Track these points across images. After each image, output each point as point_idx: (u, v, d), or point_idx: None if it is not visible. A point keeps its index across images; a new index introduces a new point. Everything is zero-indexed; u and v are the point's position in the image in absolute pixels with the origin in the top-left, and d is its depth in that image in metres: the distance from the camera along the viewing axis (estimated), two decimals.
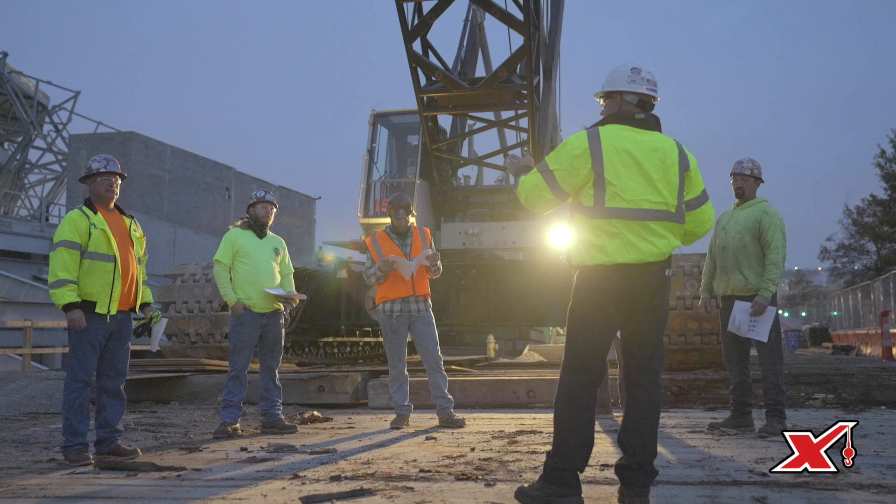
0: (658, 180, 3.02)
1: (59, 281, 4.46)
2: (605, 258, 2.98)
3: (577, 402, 3.00)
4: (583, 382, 3.01)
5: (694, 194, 3.18)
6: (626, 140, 3.05)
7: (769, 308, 5.12)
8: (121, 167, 4.83)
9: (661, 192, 3.02)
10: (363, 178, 11.22)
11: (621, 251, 2.96)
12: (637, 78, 3.15)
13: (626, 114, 3.13)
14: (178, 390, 8.28)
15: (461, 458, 4.31)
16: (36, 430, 6.14)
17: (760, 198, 5.39)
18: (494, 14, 9.93)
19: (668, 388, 7.32)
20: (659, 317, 3.10)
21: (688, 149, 3.20)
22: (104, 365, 4.63)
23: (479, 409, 7.28)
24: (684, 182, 3.11)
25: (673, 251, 3.09)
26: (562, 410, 3.03)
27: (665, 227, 3.03)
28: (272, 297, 5.82)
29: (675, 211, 3.06)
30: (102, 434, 4.60)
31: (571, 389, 3.01)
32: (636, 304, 3.03)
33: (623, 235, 2.96)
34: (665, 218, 3.03)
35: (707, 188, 3.30)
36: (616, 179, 2.99)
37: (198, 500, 3.31)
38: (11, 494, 3.52)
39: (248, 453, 4.69)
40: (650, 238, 2.99)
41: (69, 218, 4.59)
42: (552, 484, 2.96)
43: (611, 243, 2.97)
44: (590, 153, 3.01)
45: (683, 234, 3.17)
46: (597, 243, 2.99)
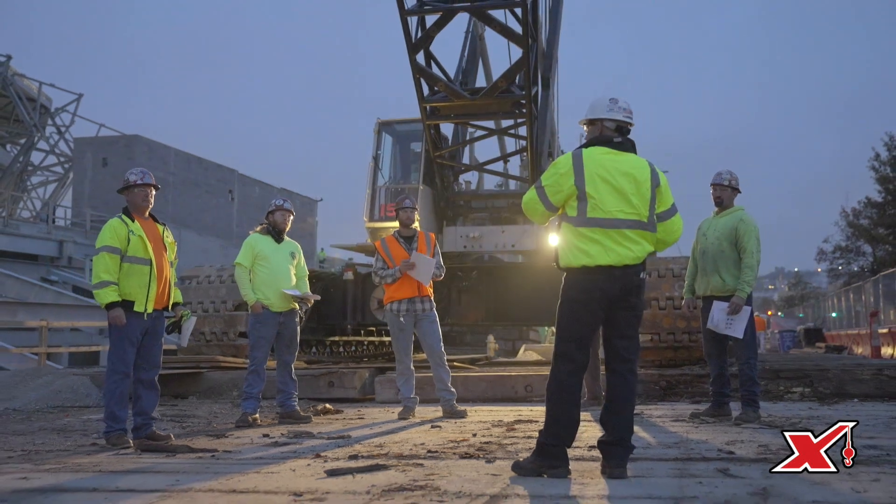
0: (631, 194, 3.52)
1: (102, 282, 4.95)
2: (588, 260, 3.48)
3: (565, 387, 3.51)
4: (570, 370, 3.52)
5: (664, 207, 3.67)
6: (605, 160, 3.56)
7: (745, 308, 5.62)
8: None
9: (635, 204, 3.52)
10: (368, 184, 11.69)
11: (601, 254, 3.47)
12: (615, 107, 3.66)
13: (605, 138, 3.64)
14: (196, 385, 8.77)
15: (464, 441, 4.79)
16: (69, 421, 6.63)
17: (737, 206, 5.89)
18: (494, 28, 10.41)
19: (656, 382, 7.82)
20: (635, 314, 3.60)
21: (659, 168, 3.71)
22: (140, 358, 5.12)
23: (480, 402, 7.75)
24: (655, 196, 3.61)
25: (647, 256, 3.58)
26: (552, 394, 3.53)
27: (639, 234, 3.54)
28: (289, 297, 6.30)
29: (647, 221, 3.57)
30: (139, 421, 5.09)
31: (560, 376, 3.52)
32: (615, 301, 3.53)
33: (602, 241, 3.47)
34: (638, 227, 3.53)
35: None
36: (595, 193, 3.50)
37: (235, 474, 3.78)
38: (70, 469, 4.01)
39: (270, 439, 5.18)
40: (626, 244, 3.49)
41: (110, 225, 5.08)
42: (544, 457, 3.46)
43: (592, 248, 3.48)
44: (573, 172, 3.54)
45: (656, 241, 3.66)
46: (581, 247, 3.50)
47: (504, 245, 11.31)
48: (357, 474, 3.64)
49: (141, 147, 35.14)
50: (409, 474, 3.61)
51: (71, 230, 31.94)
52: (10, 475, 3.85)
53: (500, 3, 10.07)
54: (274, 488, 3.34)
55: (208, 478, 3.66)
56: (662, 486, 3.23)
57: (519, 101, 10.63)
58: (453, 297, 11.18)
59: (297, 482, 3.48)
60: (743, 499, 2.90)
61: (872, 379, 7.39)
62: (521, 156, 12.07)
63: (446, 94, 10.57)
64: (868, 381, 7.38)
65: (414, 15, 10.11)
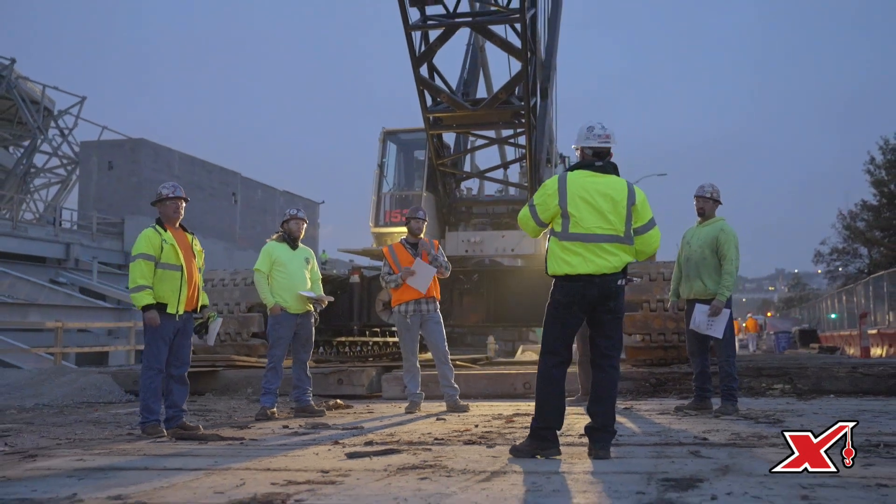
0: (608, 212, 4.04)
1: (139, 286, 5.45)
2: (570, 269, 4.02)
3: (551, 378, 4.06)
4: (555, 363, 4.06)
5: (641, 222, 4.17)
6: (586, 182, 4.10)
7: (724, 310, 6.13)
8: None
9: (611, 221, 4.04)
10: (374, 191, 12.21)
11: (582, 264, 4.00)
12: (591, 135, 4.22)
13: (587, 162, 4.20)
14: (212, 383, 9.25)
15: (467, 431, 5.29)
16: (100, 414, 7.13)
17: (718, 217, 6.40)
18: (495, 42, 10.93)
19: (646, 380, 8.32)
20: (615, 316, 4.11)
21: (638, 187, 4.22)
22: (172, 356, 5.62)
23: (481, 399, 8.25)
24: (631, 214, 4.12)
25: (625, 265, 4.08)
26: (540, 384, 4.10)
27: (616, 247, 4.05)
28: (304, 299, 6.80)
29: (623, 235, 4.08)
30: (171, 413, 5.59)
31: (546, 368, 4.07)
32: (596, 305, 4.04)
33: (583, 253, 4.01)
34: (615, 241, 4.05)
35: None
36: (576, 212, 4.04)
37: (265, 457, 4.28)
38: (118, 454, 4.51)
39: (290, 430, 5.68)
40: (604, 255, 4.01)
41: (145, 235, 5.59)
42: (536, 440, 3.99)
43: (574, 258, 4.02)
44: (558, 193, 4.10)
45: (635, 252, 4.17)
46: (564, 258, 4.04)
47: (504, 249, 11.80)
48: (374, 457, 4.14)
49: (146, 150, 35.66)
50: (420, 457, 4.11)
51: (77, 233, 32.44)
52: (67, 458, 4.35)
53: (500, 18, 10.57)
54: (303, 467, 3.84)
55: (242, 460, 4.17)
56: (639, 464, 3.73)
57: (518, 112, 11.12)
58: (455, 299, 11.66)
59: (322, 463, 3.98)
60: (706, 473, 3.40)
61: (847, 376, 7.90)
62: (520, 163, 12.55)
63: (449, 105, 11.08)
64: (843, 379, 7.88)
65: (418, 30, 10.60)
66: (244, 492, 3.17)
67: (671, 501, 2.82)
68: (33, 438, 5.33)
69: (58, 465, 4.11)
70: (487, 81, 13.91)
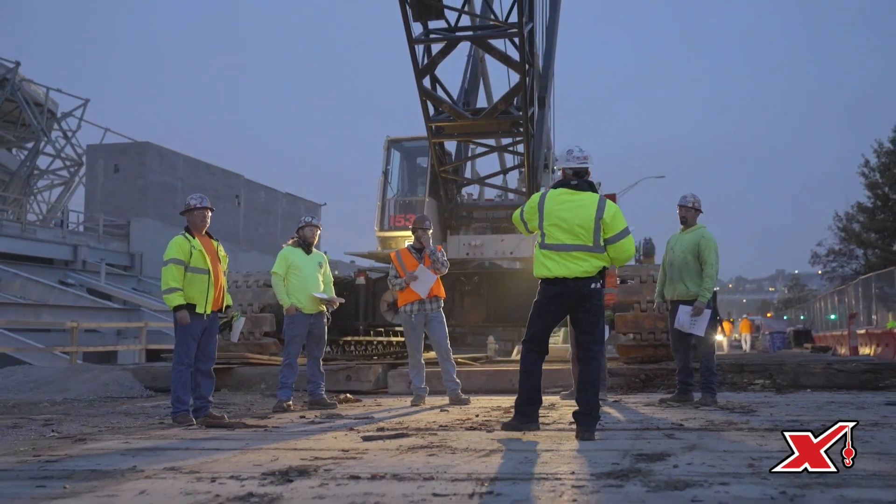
0: (578, 226, 4.67)
1: (171, 289, 6.00)
2: (548, 273, 4.69)
3: (529, 362, 4.77)
4: (532, 349, 4.78)
5: (612, 233, 4.74)
6: (562, 200, 4.76)
7: (705, 310, 6.68)
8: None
9: (580, 235, 4.67)
10: (379, 196, 12.75)
11: (557, 268, 4.67)
12: (570, 157, 4.88)
13: (565, 181, 4.84)
14: (227, 380, 9.80)
15: (468, 420, 5.84)
16: (127, 407, 7.67)
17: (700, 224, 6.95)
18: (494, 55, 11.47)
19: (636, 376, 8.87)
20: (592, 315, 4.72)
21: (612, 202, 4.85)
22: (199, 352, 6.16)
23: (481, 394, 8.79)
24: (600, 227, 4.70)
25: (598, 270, 4.69)
26: (521, 367, 4.79)
27: (585, 254, 4.67)
28: (318, 300, 7.35)
29: (592, 245, 4.68)
30: (199, 403, 6.14)
31: (527, 357, 4.77)
32: (573, 304, 4.68)
33: (558, 260, 4.67)
34: (584, 250, 4.67)
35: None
36: (550, 229, 4.72)
37: (289, 440, 4.83)
38: (158, 438, 5.06)
39: (306, 419, 6.22)
40: (575, 262, 4.65)
41: (176, 241, 6.13)
42: (520, 415, 4.73)
43: (550, 264, 4.69)
44: (537, 208, 4.79)
45: (609, 259, 4.76)
46: (544, 263, 4.72)
47: (503, 252, 12.35)
48: (387, 440, 4.69)
49: (152, 153, 36.24)
50: (427, 439, 4.66)
51: (84, 235, 33.01)
52: (114, 441, 4.90)
53: (499, 33, 11.12)
54: (325, 447, 4.39)
55: (270, 442, 4.72)
56: (619, 444, 4.28)
57: (517, 122, 11.65)
58: (456, 300, 12.19)
59: (342, 444, 4.53)
60: (675, 450, 3.95)
61: (823, 372, 8.45)
62: (519, 170, 13.09)
63: (450, 115, 11.62)
64: (819, 374, 8.43)
65: (421, 43, 11.16)
66: (279, 464, 3.71)
67: (640, 469, 3.36)
68: (75, 427, 5.88)
69: (108, 446, 4.66)
70: (487, 91, 14.47)
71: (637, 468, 3.40)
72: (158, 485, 3.26)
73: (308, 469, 3.53)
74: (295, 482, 3.23)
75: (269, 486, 3.13)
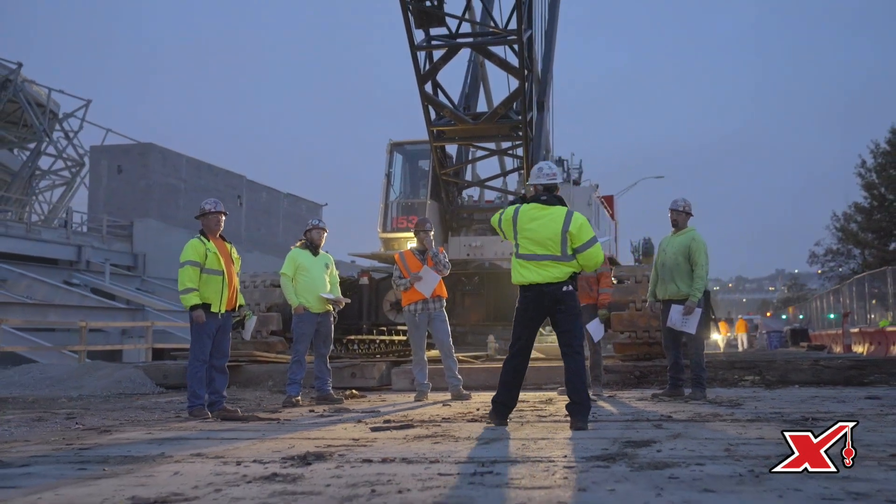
0: (547, 238, 5.05)
1: (187, 289, 6.32)
2: (523, 280, 5.10)
3: (511, 362, 5.17)
4: (515, 351, 5.15)
5: (580, 243, 5.09)
6: (532, 214, 5.15)
7: (696, 309, 7.01)
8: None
9: (548, 246, 5.05)
10: (381, 199, 13.09)
11: (531, 275, 5.07)
12: (541, 174, 5.28)
13: (536, 196, 5.24)
14: (236, 377, 10.11)
15: (469, 413, 6.17)
16: (143, 402, 8.00)
17: (690, 227, 7.28)
18: (494, 61, 11.80)
19: (631, 372, 9.20)
20: (568, 315, 5.08)
21: (579, 215, 5.19)
22: (214, 349, 6.49)
23: (482, 389, 9.10)
24: (566, 239, 5.07)
25: (568, 275, 5.05)
26: (502, 377, 5.19)
27: (553, 264, 5.06)
28: (325, 300, 7.68)
29: (560, 254, 5.06)
30: (213, 398, 6.46)
31: (509, 364, 5.17)
32: (550, 306, 5.05)
33: (530, 268, 5.06)
34: (553, 259, 5.06)
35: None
36: (521, 239, 5.11)
37: (302, 431, 5.16)
38: (178, 430, 5.39)
39: (316, 413, 6.55)
40: (546, 269, 5.05)
41: (191, 244, 6.45)
42: (494, 412, 5.17)
43: (525, 272, 5.09)
44: (511, 221, 5.19)
45: (580, 266, 5.14)
46: (520, 272, 5.13)
47: (503, 253, 12.67)
48: (394, 430, 5.02)
49: (155, 155, 36.58)
50: (431, 430, 4.99)
51: (88, 235, 33.33)
52: (137, 432, 5.23)
53: (499, 40, 11.45)
54: (337, 437, 4.72)
55: (284, 433, 5.04)
56: (610, 433, 4.60)
57: (516, 126, 11.99)
58: (457, 300, 12.52)
59: (352, 434, 4.86)
60: (661, 438, 4.27)
61: (810, 368, 8.78)
62: (518, 172, 13.42)
63: (451, 119, 11.95)
64: (806, 371, 8.77)
65: (422, 50, 11.48)
66: (296, 451, 4.04)
67: (626, 454, 3.69)
68: (97, 420, 6.21)
69: (134, 436, 4.99)
70: (487, 95, 14.80)
71: (624, 452, 3.73)
72: (189, 467, 3.59)
73: (324, 454, 3.86)
74: (313, 465, 3.56)
75: (290, 468, 3.46)
